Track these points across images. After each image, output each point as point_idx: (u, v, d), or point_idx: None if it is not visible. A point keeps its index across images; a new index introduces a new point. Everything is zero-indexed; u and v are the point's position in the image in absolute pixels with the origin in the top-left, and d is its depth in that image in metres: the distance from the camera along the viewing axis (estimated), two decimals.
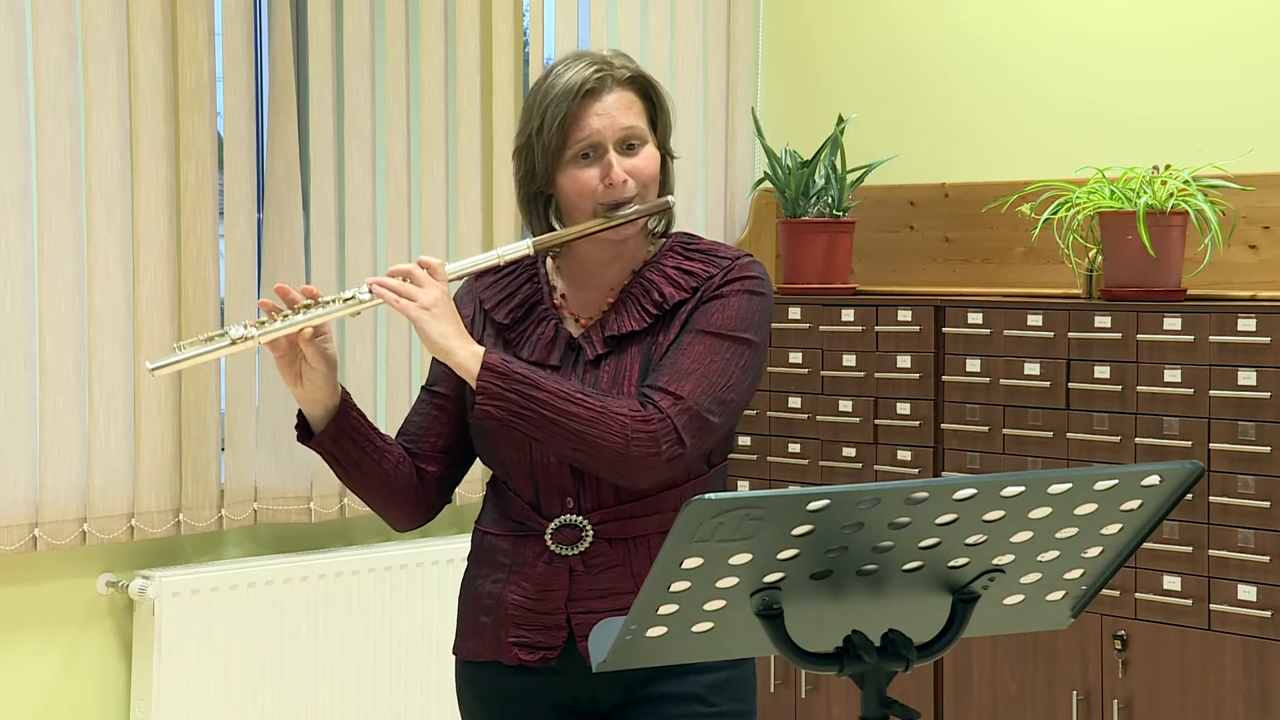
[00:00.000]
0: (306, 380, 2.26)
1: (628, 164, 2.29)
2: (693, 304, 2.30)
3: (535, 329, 2.35)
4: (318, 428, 2.30)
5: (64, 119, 3.57)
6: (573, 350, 2.33)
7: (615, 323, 2.32)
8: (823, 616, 1.75)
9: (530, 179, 2.33)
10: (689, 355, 2.25)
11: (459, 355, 2.21)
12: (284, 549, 4.03)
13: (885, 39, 4.68)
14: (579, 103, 2.26)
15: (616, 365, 2.30)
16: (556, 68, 2.31)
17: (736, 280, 2.31)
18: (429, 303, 2.21)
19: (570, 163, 2.29)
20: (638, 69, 2.34)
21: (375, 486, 2.34)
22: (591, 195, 2.28)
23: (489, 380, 2.18)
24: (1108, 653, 3.79)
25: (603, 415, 2.19)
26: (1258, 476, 3.58)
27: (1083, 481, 1.68)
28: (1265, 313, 3.59)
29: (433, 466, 2.38)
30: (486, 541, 2.39)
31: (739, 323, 2.28)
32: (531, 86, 2.37)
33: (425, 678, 4.11)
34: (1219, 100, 4.10)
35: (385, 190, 4.11)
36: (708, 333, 2.27)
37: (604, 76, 2.28)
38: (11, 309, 3.52)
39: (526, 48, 4.45)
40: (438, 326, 2.21)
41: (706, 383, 2.24)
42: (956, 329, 4.04)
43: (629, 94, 2.30)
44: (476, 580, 2.40)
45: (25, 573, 3.66)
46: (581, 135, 2.27)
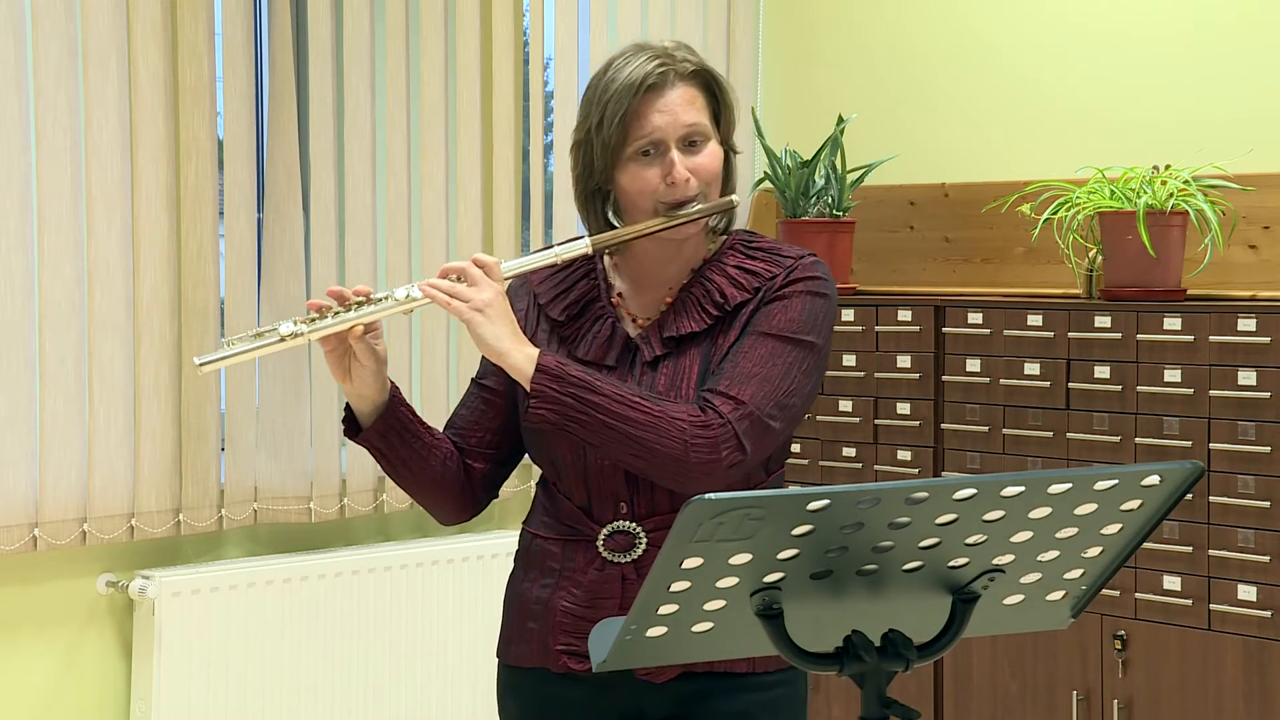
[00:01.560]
0: (356, 376, 2.21)
1: (690, 162, 2.22)
2: (754, 305, 2.24)
3: (591, 327, 2.29)
4: (365, 423, 2.25)
5: (64, 119, 3.57)
6: (629, 350, 2.27)
7: (674, 323, 2.26)
8: (823, 616, 1.75)
9: (588, 175, 2.26)
10: (750, 358, 2.19)
11: (513, 358, 2.15)
12: (284, 549, 4.03)
13: (885, 39, 4.68)
14: (641, 98, 2.19)
15: (674, 367, 2.24)
16: (616, 60, 2.24)
17: (799, 280, 2.25)
18: (482, 304, 2.15)
19: (630, 160, 2.22)
20: (701, 62, 2.26)
21: (422, 482, 2.29)
22: (652, 194, 2.22)
23: (543, 383, 2.13)
24: (1108, 653, 3.79)
25: (661, 420, 2.13)
26: (1258, 476, 3.58)
27: (1083, 481, 1.68)
28: (1265, 313, 3.59)
29: (480, 463, 2.33)
30: (535, 544, 2.33)
31: (801, 324, 2.22)
32: (590, 80, 2.26)
33: (426, 677, 4.11)
34: (1219, 100, 4.10)
35: (385, 190, 4.11)
36: (769, 335, 2.21)
37: (666, 71, 2.21)
38: (11, 309, 3.52)
39: (526, 48, 4.45)
40: (491, 328, 2.15)
41: (769, 387, 2.18)
42: (956, 329, 4.04)
43: (692, 89, 2.24)
44: (524, 584, 2.33)
45: (25, 573, 3.66)
46: (643, 132, 2.20)
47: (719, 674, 2.25)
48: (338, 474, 4.03)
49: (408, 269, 4.11)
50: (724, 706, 2.25)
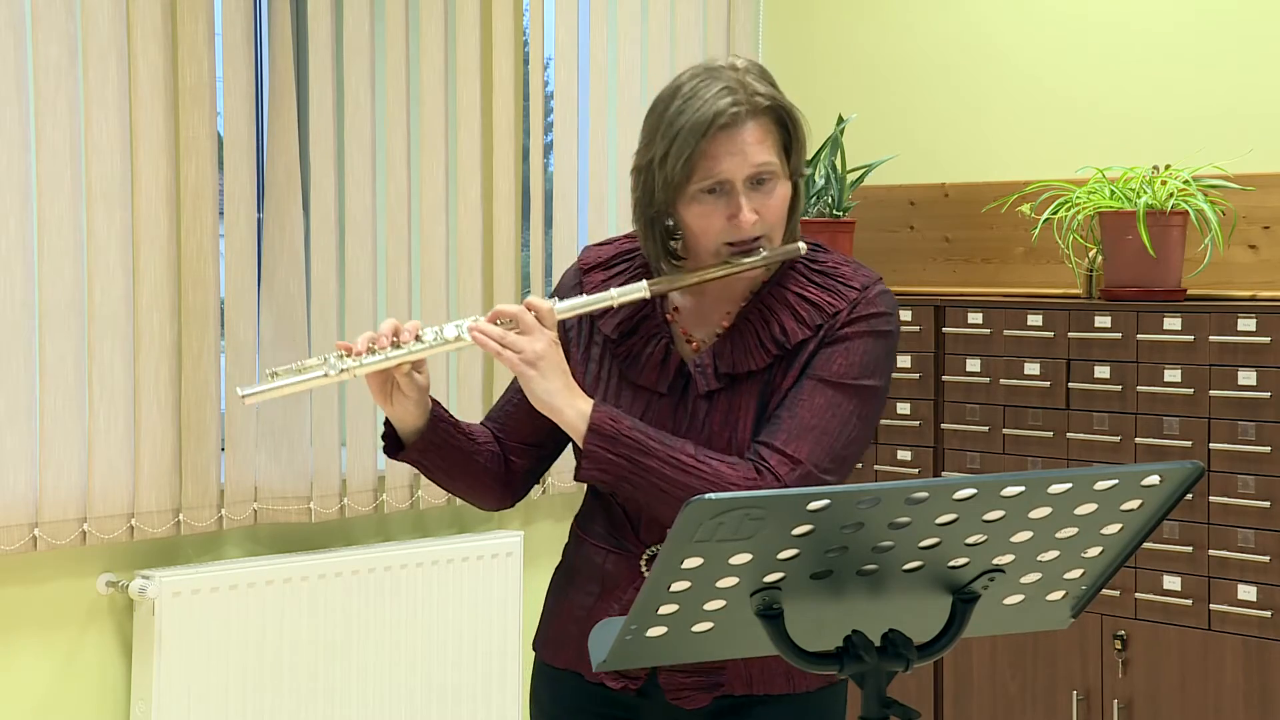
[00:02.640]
0: (398, 404, 2.19)
1: (757, 203, 2.13)
2: (815, 344, 2.17)
3: (645, 347, 2.22)
4: (407, 440, 2.23)
5: (64, 119, 3.57)
6: (682, 377, 2.21)
7: (731, 358, 2.18)
8: (823, 616, 1.75)
9: (648, 202, 2.18)
10: (808, 408, 2.13)
11: (566, 414, 2.11)
12: (284, 549, 4.03)
13: (885, 39, 4.68)
14: (710, 139, 2.09)
15: (729, 403, 2.18)
16: (685, 87, 2.13)
17: (862, 319, 2.17)
18: (534, 356, 2.10)
19: (695, 196, 2.13)
20: (773, 94, 2.15)
21: (462, 485, 2.28)
22: (716, 234, 2.14)
23: (596, 444, 2.09)
24: (1108, 653, 3.79)
25: (715, 485, 2.07)
26: (1258, 476, 3.58)
27: (1083, 481, 1.68)
28: (1265, 313, 3.59)
29: (520, 459, 2.30)
30: (585, 548, 2.30)
31: (862, 369, 2.16)
32: (655, 102, 2.15)
33: (425, 677, 4.11)
34: (1219, 100, 4.10)
35: (385, 190, 4.10)
36: (829, 383, 2.14)
37: (739, 110, 2.10)
38: (11, 309, 3.52)
39: (526, 48, 4.45)
40: (543, 383, 2.10)
41: (826, 441, 2.12)
42: (956, 329, 4.04)
43: (764, 124, 2.13)
44: (570, 587, 2.31)
45: (25, 573, 3.66)
46: (710, 173, 2.11)
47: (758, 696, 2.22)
48: (338, 474, 4.03)
49: (408, 269, 4.11)
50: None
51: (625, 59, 4.51)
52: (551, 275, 4.44)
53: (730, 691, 2.22)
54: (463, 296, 4.22)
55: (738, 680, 2.21)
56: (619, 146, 4.51)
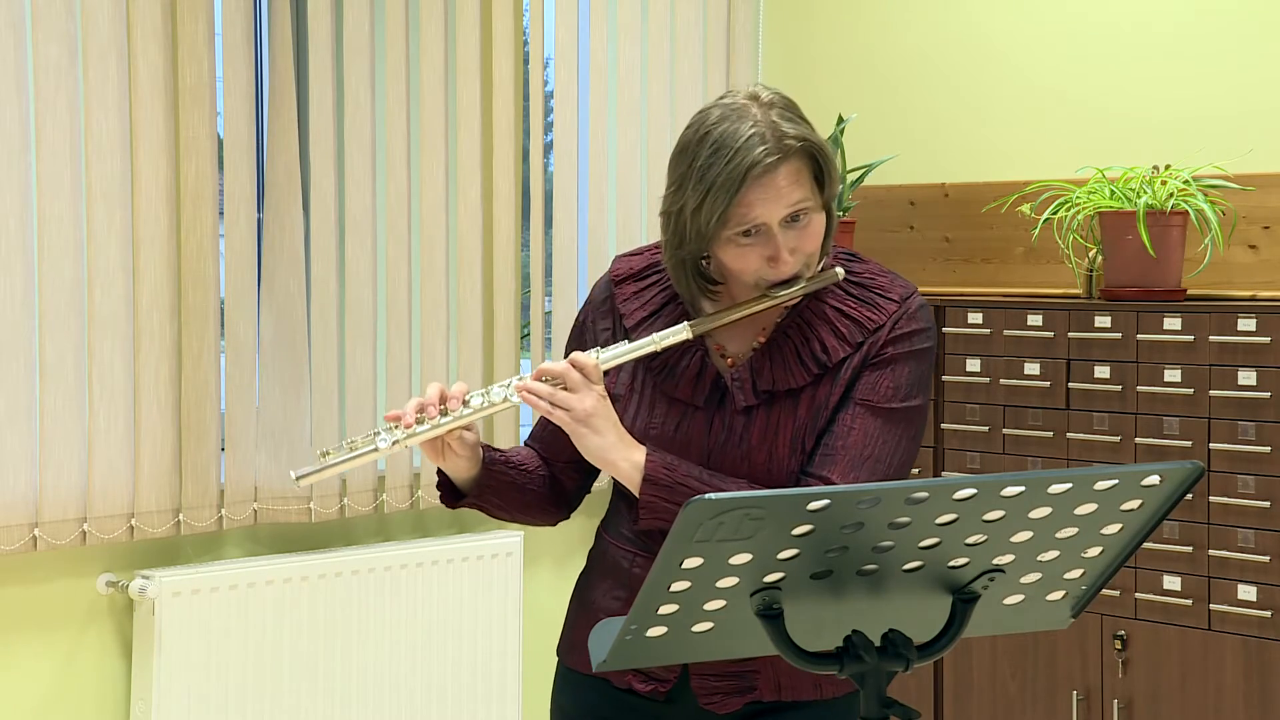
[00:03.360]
0: (450, 461, 2.23)
1: (792, 239, 2.12)
2: (859, 359, 2.18)
3: (680, 361, 2.22)
4: (463, 488, 2.29)
5: (64, 119, 3.57)
6: (718, 390, 2.21)
7: (771, 374, 2.18)
8: (823, 616, 1.75)
9: (678, 244, 2.16)
10: (861, 436, 2.14)
11: (621, 468, 2.13)
12: (284, 549, 4.03)
13: (885, 39, 4.68)
14: (746, 189, 2.07)
15: (767, 418, 2.18)
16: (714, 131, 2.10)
17: (903, 338, 2.18)
18: (585, 414, 2.11)
19: (730, 240, 2.12)
20: (803, 135, 2.11)
21: (520, 514, 2.33)
22: (754, 273, 2.13)
23: (653, 495, 2.11)
24: (1108, 653, 3.79)
25: None
26: (1258, 476, 3.58)
27: (1083, 481, 1.68)
28: (1265, 313, 3.59)
29: (570, 476, 2.34)
30: (611, 552, 2.30)
31: (908, 391, 2.17)
32: (682, 143, 2.13)
33: (425, 677, 4.11)
34: (1219, 100, 4.10)
35: (385, 190, 4.10)
36: (878, 410, 2.15)
37: (773, 161, 2.07)
38: (11, 309, 3.52)
39: (526, 48, 4.45)
40: (597, 439, 2.12)
41: (880, 469, 2.14)
42: (956, 329, 4.04)
43: (797, 163, 2.11)
44: (595, 592, 2.31)
45: (25, 573, 3.66)
46: (747, 219, 2.09)
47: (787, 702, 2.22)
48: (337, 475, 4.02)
49: (408, 269, 4.11)
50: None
51: (625, 59, 4.51)
52: (552, 275, 4.44)
53: (760, 698, 2.21)
54: (463, 296, 4.22)
55: (767, 686, 2.21)
56: (619, 146, 4.51)
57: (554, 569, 4.45)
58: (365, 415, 4.03)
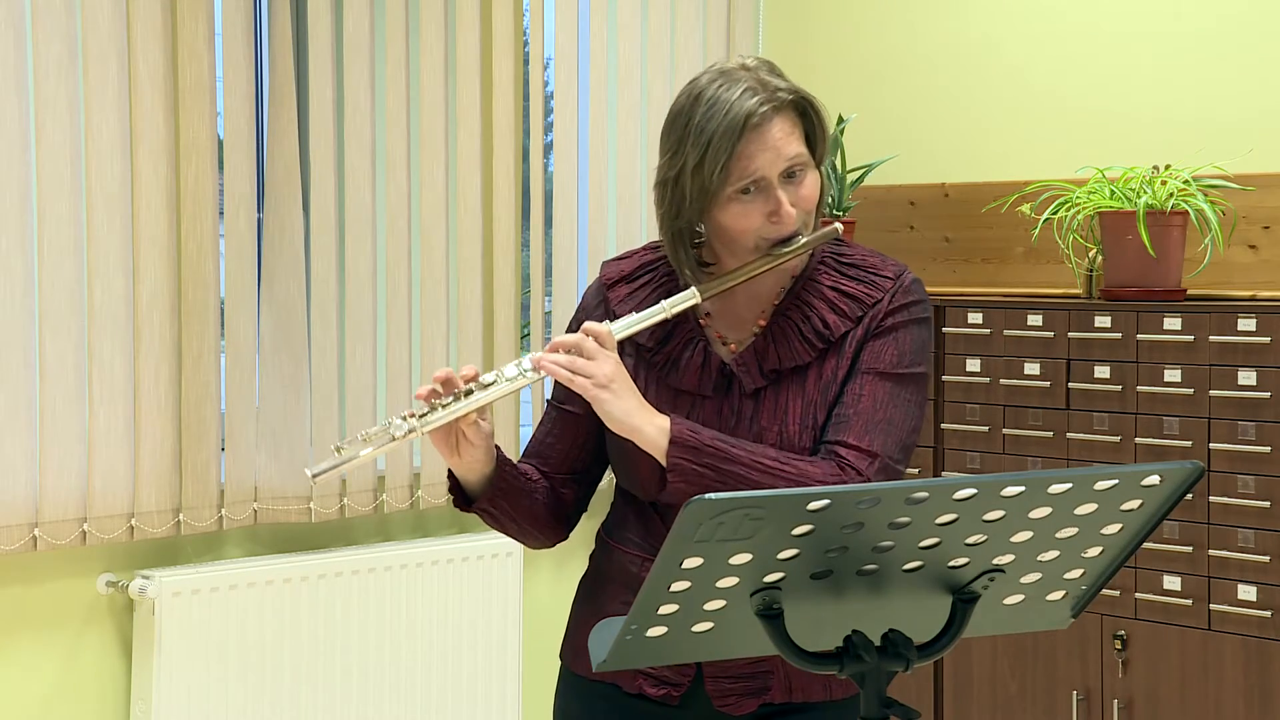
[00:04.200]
0: (465, 455, 2.17)
1: (792, 195, 2.16)
2: (861, 332, 2.20)
3: (682, 353, 2.22)
4: (475, 492, 2.23)
5: (64, 119, 3.57)
6: (725, 377, 2.21)
7: (775, 354, 2.20)
8: (823, 616, 1.75)
9: (677, 214, 2.17)
10: (871, 402, 2.15)
11: (646, 432, 2.09)
12: (284, 549, 4.03)
13: (885, 39, 4.68)
14: (744, 140, 2.11)
15: (775, 399, 2.19)
16: (705, 93, 2.14)
17: (902, 308, 2.21)
18: (606, 378, 2.09)
19: (730, 200, 2.14)
20: (794, 88, 2.17)
21: (524, 528, 2.27)
22: (756, 232, 2.16)
23: (680, 457, 2.08)
24: (1108, 653, 3.79)
25: (801, 483, 2.07)
26: (1258, 476, 3.58)
27: (1083, 481, 1.68)
28: (1265, 313, 3.59)
29: (569, 489, 2.31)
30: (616, 557, 2.28)
31: (912, 358, 2.19)
32: (674, 112, 2.17)
33: (425, 677, 4.11)
34: (1219, 100, 4.10)
35: (385, 190, 4.10)
36: (885, 375, 2.17)
37: (767, 109, 2.12)
38: (11, 309, 3.52)
39: (526, 48, 4.45)
40: (619, 404, 2.09)
41: (895, 432, 2.15)
42: (956, 329, 4.04)
43: (791, 118, 2.16)
44: (602, 597, 2.29)
45: (25, 573, 3.66)
46: (747, 173, 2.12)
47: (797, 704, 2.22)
48: (337, 474, 4.02)
49: (408, 269, 4.11)
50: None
51: (625, 59, 4.51)
52: (552, 275, 4.44)
53: (772, 699, 2.21)
54: (463, 296, 4.22)
55: (779, 687, 2.21)
56: (619, 146, 4.51)
57: (554, 569, 4.45)
58: (365, 415, 4.03)
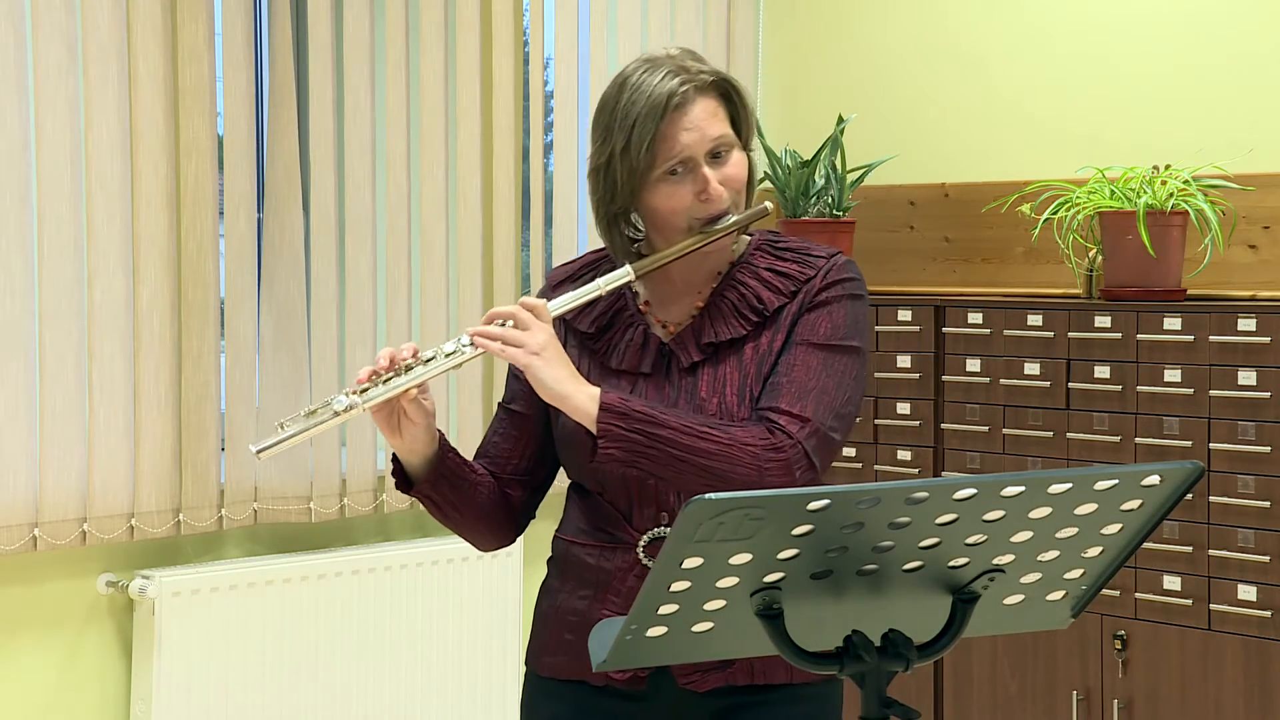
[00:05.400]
0: (407, 434, 2.20)
1: (720, 174, 2.20)
2: (796, 307, 2.23)
3: (622, 335, 2.27)
4: (416, 475, 2.24)
5: (64, 119, 3.57)
6: (663, 357, 2.25)
7: (712, 329, 2.24)
8: (823, 616, 1.75)
9: (610, 199, 2.22)
10: (804, 371, 2.18)
11: (576, 400, 2.12)
12: (284, 549, 4.03)
13: (885, 39, 4.68)
14: (667, 119, 2.16)
15: (713, 373, 2.22)
16: (630, 79, 2.20)
17: (837, 284, 2.24)
18: (538, 347, 2.12)
19: (659, 180, 2.19)
20: (715, 70, 2.23)
21: (469, 521, 2.28)
22: (686, 212, 2.20)
23: (609, 422, 2.10)
24: (1108, 653, 3.79)
25: (732, 447, 2.10)
26: (1258, 476, 3.58)
27: (1083, 481, 1.68)
28: (1265, 313, 3.59)
29: (518, 491, 2.31)
30: (571, 552, 2.30)
31: (846, 331, 2.22)
32: (603, 101, 2.23)
33: (425, 677, 4.11)
34: (1219, 100, 4.10)
35: (385, 190, 4.11)
36: (819, 346, 2.20)
37: (688, 87, 2.18)
38: (11, 309, 3.52)
39: (526, 48, 4.45)
40: (550, 371, 2.12)
41: (827, 400, 2.17)
42: (956, 329, 4.04)
43: (713, 99, 2.21)
44: (560, 594, 2.31)
45: (25, 573, 3.66)
46: (673, 153, 2.18)
47: (760, 685, 2.24)
48: (338, 474, 4.03)
49: (408, 269, 4.11)
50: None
51: (625, 59, 4.51)
52: None
53: (735, 680, 2.23)
54: (463, 296, 4.22)
55: (742, 667, 2.23)
56: None
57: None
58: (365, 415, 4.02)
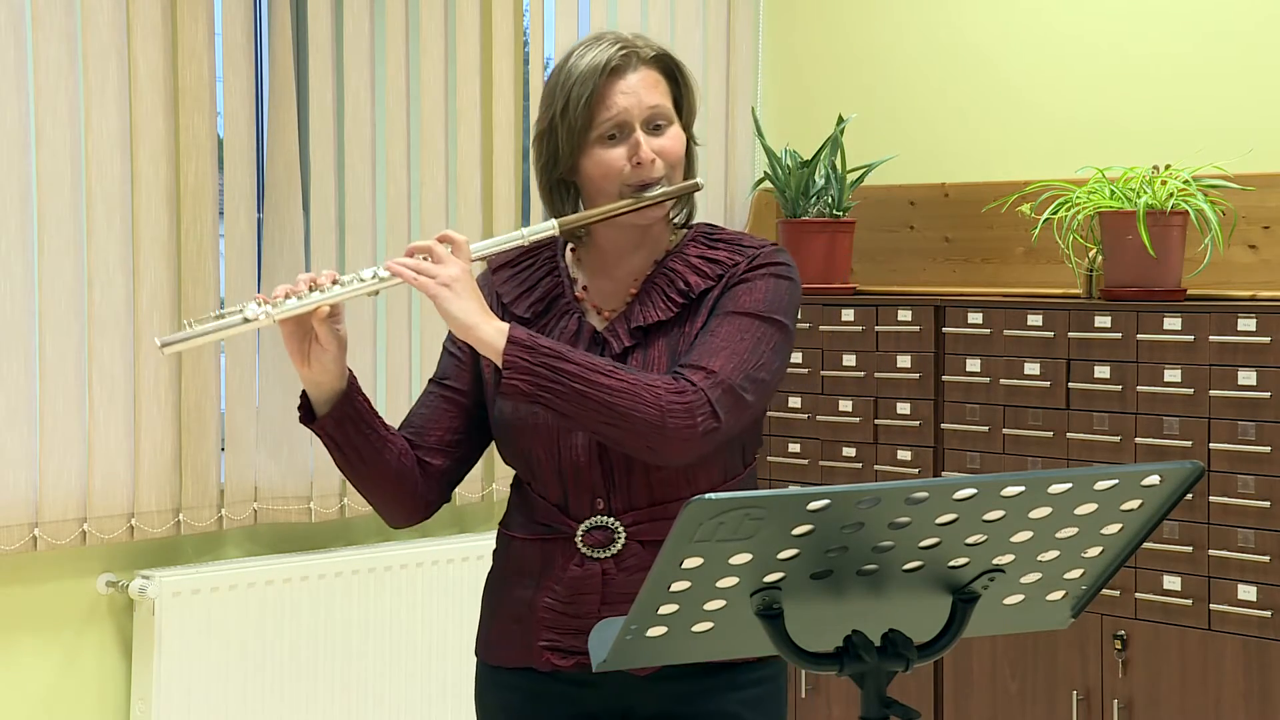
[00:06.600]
0: (315, 361, 2.18)
1: (655, 144, 2.24)
2: (719, 290, 2.27)
3: (558, 322, 2.30)
4: (321, 410, 2.22)
5: (64, 119, 3.57)
6: (597, 343, 2.28)
7: (641, 313, 2.28)
8: (823, 616, 1.75)
9: (553, 165, 2.27)
10: (718, 335, 2.21)
11: (482, 330, 2.13)
12: (284, 549, 4.03)
13: (885, 39, 4.68)
14: (604, 80, 2.22)
15: (644, 357, 2.26)
16: (577, 49, 2.26)
17: (763, 266, 2.27)
18: (449, 279, 2.13)
19: (596, 143, 2.23)
20: (661, 47, 2.29)
21: (375, 476, 2.25)
22: (618, 176, 2.24)
23: (516, 354, 2.11)
24: (1108, 653, 3.79)
25: (635, 386, 2.12)
26: (1258, 476, 3.58)
27: (1083, 481, 1.68)
28: (1265, 313, 3.59)
29: (437, 460, 2.29)
30: (514, 546, 2.33)
31: (766, 304, 2.24)
32: (552, 70, 2.29)
33: (425, 677, 4.11)
34: (1219, 100, 4.10)
35: (385, 190, 4.11)
36: (736, 313, 2.23)
37: (629, 54, 2.24)
38: (11, 309, 3.52)
39: (526, 48, 4.45)
40: (459, 303, 2.13)
41: (738, 359, 2.18)
42: (956, 329, 4.04)
43: (654, 73, 2.27)
44: (505, 585, 2.33)
45: (25, 573, 3.66)
46: (608, 115, 2.22)
47: (703, 671, 2.26)
48: (338, 474, 4.02)
49: None
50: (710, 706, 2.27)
51: None
52: None
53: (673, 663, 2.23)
54: None
55: None
56: None
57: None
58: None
